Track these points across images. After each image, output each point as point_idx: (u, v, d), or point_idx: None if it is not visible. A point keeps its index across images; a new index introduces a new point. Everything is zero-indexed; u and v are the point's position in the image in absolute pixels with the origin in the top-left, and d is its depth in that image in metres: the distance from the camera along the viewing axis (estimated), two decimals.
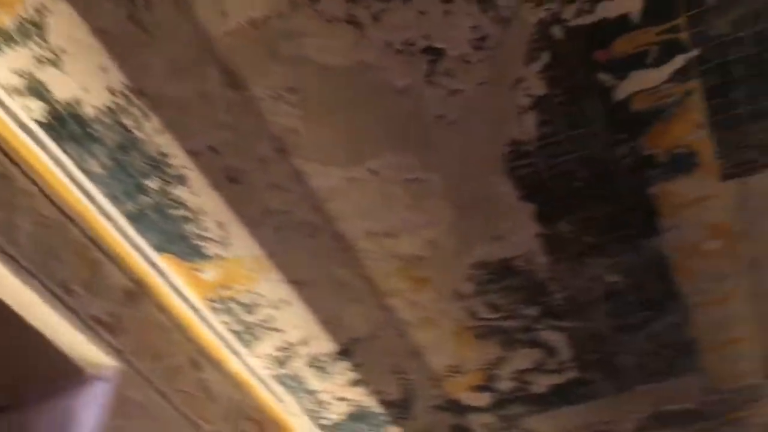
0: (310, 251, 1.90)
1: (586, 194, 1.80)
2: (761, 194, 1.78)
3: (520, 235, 1.90)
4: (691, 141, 1.70)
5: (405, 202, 1.80)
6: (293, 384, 2.26)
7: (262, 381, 2.24)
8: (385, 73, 1.59)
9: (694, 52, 1.54)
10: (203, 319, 2.06)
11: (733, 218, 1.83)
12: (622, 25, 1.51)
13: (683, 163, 1.74)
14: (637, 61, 1.57)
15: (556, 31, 1.52)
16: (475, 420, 2.40)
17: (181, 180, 1.75)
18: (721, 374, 2.23)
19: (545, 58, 1.56)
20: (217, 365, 2.13)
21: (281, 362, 2.20)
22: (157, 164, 1.72)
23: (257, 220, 1.82)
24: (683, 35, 1.52)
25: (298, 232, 1.85)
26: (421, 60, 1.56)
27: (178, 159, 1.71)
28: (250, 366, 2.20)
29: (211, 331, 2.10)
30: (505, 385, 2.29)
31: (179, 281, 1.98)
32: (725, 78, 1.58)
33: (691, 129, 1.67)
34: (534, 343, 2.16)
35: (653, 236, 1.88)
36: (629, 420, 2.40)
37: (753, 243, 1.88)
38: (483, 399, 2.34)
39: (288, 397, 2.32)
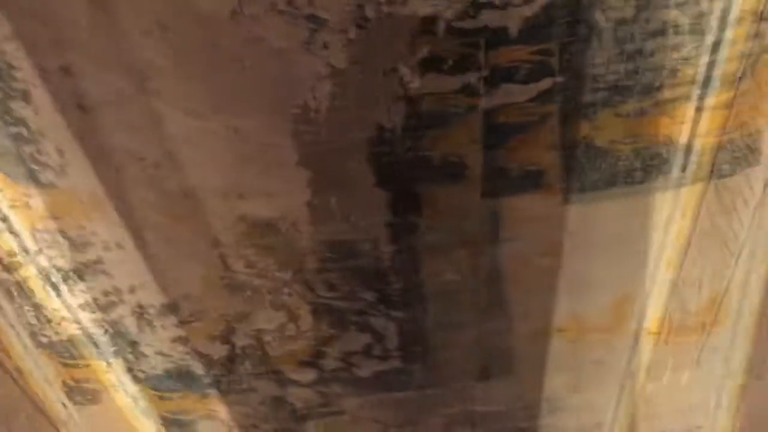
0: (153, 198, 1.83)
1: (440, 193, 1.85)
2: (592, 224, 1.91)
3: (371, 220, 1.92)
4: (542, 161, 1.79)
5: (260, 166, 1.77)
6: (113, 331, 2.16)
7: (78, 323, 2.13)
8: (264, 32, 1.55)
9: (559, 79, 1.63)
10: (25, 249, 1.92)
11: (565, 240, 1.95)
12: (500, 36, 1.57)
13: (532, 180, 1.83)
14: (509, 75, 1.63)
15: (439, 29, 1.55)
16: (294, 393, 2.41)
17: (26, 96, 1.62)
18: (530, 383, 2.38)
19: (424, 52, 1.58)
20: (30, 300, 2.00)
21: (104, 307, 2.10)
22: (0, 75, 1.58)
23: (101, 154, 1.72)
24: (553, 60, 1.60)
25: (144, 176, 1.77)
26: (302, 26, 1.53)
27: (26, 73, 1.58)
28: (69, 305, 2.08)
29: (32, 263, 1.97)
30: (330, 363, 2.31)
31: (5, 204, 1.84)
32: (580, 110, 1.68)
33: (544, 150, 1.76)
34: (365, 328, 2.20)
35: (494, 244, 1.97)
36: (441, 415, 2.50)
37: (578, 266, 2.02)
38: (307, 374, 2.35)
39: (104, 343, 2.22)
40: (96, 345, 2.22)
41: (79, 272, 2.01)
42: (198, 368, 2.29)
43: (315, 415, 2.49)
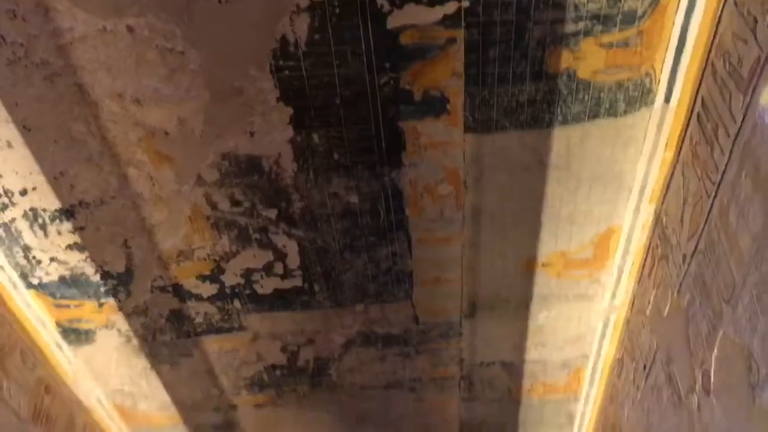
0: (45, 96, 1.75)
1: (343, 112, 1.84)
2: (492, 153, 1.93)
3: (273, 136, 1.90)
4: (445, 87, 1.79)
5: (159, 71, 1.71)
6: (4, 235, 2.10)
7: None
8: None
9: (466, 3, 1.62)
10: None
11: (465, 169, 1.98)
12: None
13: (435, 106, 1.83)
14: None
15: None
16: (194, 308, 2.41)
17: None
18: (426, 307, 2.44)
19: None
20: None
21: None
22: None
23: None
24: None
25: (35, 72, 1.69)
26: None
27: None
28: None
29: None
30: (231, 279, 2.32)
31: None
32: (486, 36, 1.68)
33: (448, 76, 1.76)
34: (266, 245, 2.20)
35: (395, 168, 1.98)
36: (339, 334, 2.55)
37: (478, 196, 2.05)
38: (207, 289, 2.35)
39: None
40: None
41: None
42: (93, 276, 2.26)
43: (215, 329, 2.51)
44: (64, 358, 2.58)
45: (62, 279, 2.26)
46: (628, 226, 2.15)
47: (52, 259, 2.19)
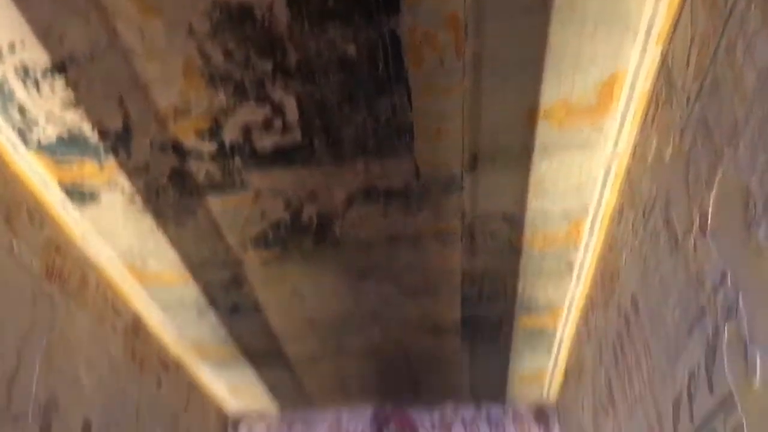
0: None
1: None
2: None
3: None
4: None
5: None
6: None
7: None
8: None
9: None
10: None
11: (465, 13, 1.91)
12: None
13: None
14: None
15: None
16: (195, 166, 2.41)
17: None
18: (427, 161, 2.43)
19: None
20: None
21: None
22: None
23: None
24: None
25: None
26: None
27: None
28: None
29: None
30: (230, 135, 2.30)
31: None
32: None
33: None
34: (263, 100, 2.16)
35: (393, 15, 1.91)
36: (341, 190, 2.55)
37: (478, 42, 1.99)
38: (206, 146, 2.34)
39: None
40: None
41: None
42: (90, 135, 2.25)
43: (218, 187, 2.52)
44: (71, 219, 2.62)
45: (60, 139, 2.25)
46: (632, 71, 2.09)
47: (48, 119, 2.17)
